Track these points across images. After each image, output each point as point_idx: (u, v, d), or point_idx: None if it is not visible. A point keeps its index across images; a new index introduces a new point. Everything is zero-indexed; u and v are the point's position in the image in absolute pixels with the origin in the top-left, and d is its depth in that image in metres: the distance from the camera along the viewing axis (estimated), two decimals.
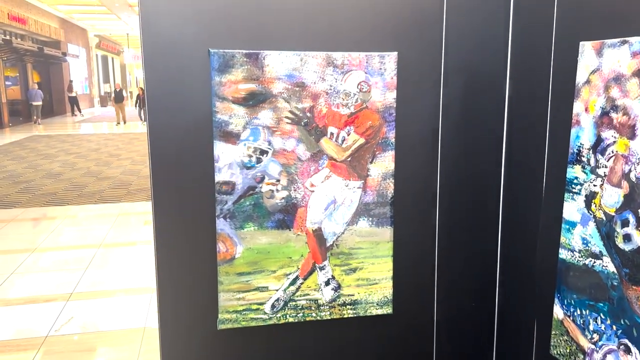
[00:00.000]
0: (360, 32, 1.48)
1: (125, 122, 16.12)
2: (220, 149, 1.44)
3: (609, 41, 1.16)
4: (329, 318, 1.59)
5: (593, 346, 1.23)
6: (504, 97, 1.59)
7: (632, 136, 1.11)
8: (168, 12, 1.37)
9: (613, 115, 1.16)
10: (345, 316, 1.60)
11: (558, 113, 1.36)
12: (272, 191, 1.49)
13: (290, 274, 1.54)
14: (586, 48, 1.23)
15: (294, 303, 1.56)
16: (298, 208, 1.52)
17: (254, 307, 1.54)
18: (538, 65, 1.45)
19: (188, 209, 1.47)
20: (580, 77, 1.25)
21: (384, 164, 1.54)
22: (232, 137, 1.45)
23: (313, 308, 1.58)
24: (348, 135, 1.51)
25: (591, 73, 1.22)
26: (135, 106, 17.19)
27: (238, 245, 1.50)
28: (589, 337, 1.24)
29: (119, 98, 16.51)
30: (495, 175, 1.62)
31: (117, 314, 3.10)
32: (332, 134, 1.50)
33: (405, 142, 1.55)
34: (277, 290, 1.54)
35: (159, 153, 1.44)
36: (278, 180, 1.49)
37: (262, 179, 1.48)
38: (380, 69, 1.49)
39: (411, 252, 1.61)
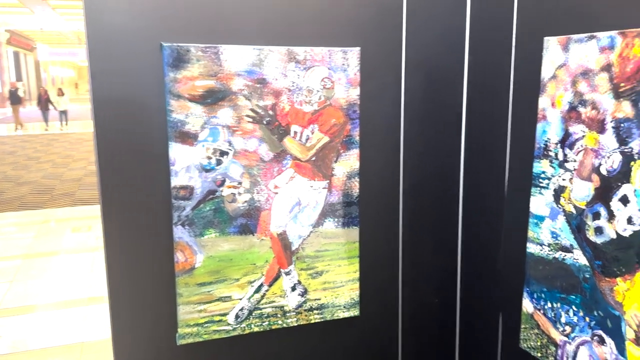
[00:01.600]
0: (322, 27, 1.42)
1: (22, 126, 14.17)
2: (176, 150, 1.34)
3: (575, 36, 1.18)
4: (296, 324, 1.53)
5: (565, 338, 1.25)
6: (463, 93, 1.58)
7: (601, 130, 1.13)
8: (115, 2, 1.25)
9: (581, 109, 1.17)
10: (312, 321, 1.54)
11: (522, 108, 1.37)
12: (234, 195, 1.41)
13: (254, 281, 1.46)
14: (551, 43, 1.24)
15: (259, 311, 1.48)
16: (261, 211, 1.44)
17: (217, 318, 1.45)
18: (497, 61, 1.45)
19: (142, 217, 1.36)
20: (546, 72, 1.26)
21: (348, 162, 1.49)
22: (189, 138, 1.34)
23: (279, 315, 1.51)
24: (312, 133, 1.45)
25: (557, 68, 1.23)
26: (39, 107, 14.87)
27: (198, 253, 1.40)
28: (561, 329, 1.26)
29: (14, 99, 14.39)
30: (456, 171, 1.62)
31: (50, 330, 2.87)
32: (295, 132, 1.43)
33: (369, 140, 1.51)
34: (240, 299, 1.46)
35: (107, 157, 1.31)
36: (240, 183, 1.41)
37: (223, 182, 1.39)
38: (343, 64, 1.44)
39: (377, 252, 1.58)
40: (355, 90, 1.46)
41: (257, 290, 1.47)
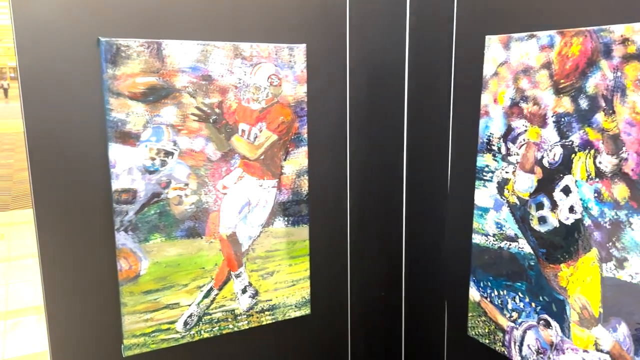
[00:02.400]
0: (268, 22, 1.40)
1: None
2: (117, 152, 1.26)
3: (516, 35, 1.23)
4: (247, 327, 1.49)
5: (512, 324, 1.31)
6: (405, 90, 1.62)
7: (543, 124, 1.19)
8: None
9: (523, 105, 1.23)
10: (264, 323, 1.51)
11: (464, 104, 1.42)
12: (180, 197, 1.35)
13: (203, 285, 1.41)
14: (493, 42, 1.29)
15: (208, 317, 1.43)
16: (210, 213, 1.39)
17: (164, 326, 1.38)
18: (438, 58, 1.49)
19: (80, 224, 1.27)
20: (488, 70, 1.31)
21: (297, 160, 1.48)
22: (130, 138, 1.27)
23: (230, 319, 1.46)
24: (260, 132, 1.42)
25: (499, 66, 1.28)
26: None
27: (143, 260, 1.33)
28: (508, 315, 1.32)
29: None
30: (400, 166, 1.65)
31: None
32: (243, 131, 1.40)
33: (317, 138, 1.50)
34: (189, 305, 1.40)
35: (40, 160, 1.21)
36: (186, 184, 1.35)
37: (168, 183, 1.33)
38: (290, 61, 1.42)
39: (326, 249, 1.58)
40: (302, 87, 1.45)
41: (207, 295, 1.42)
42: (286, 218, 1.49)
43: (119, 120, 1.25)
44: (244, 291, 1.47)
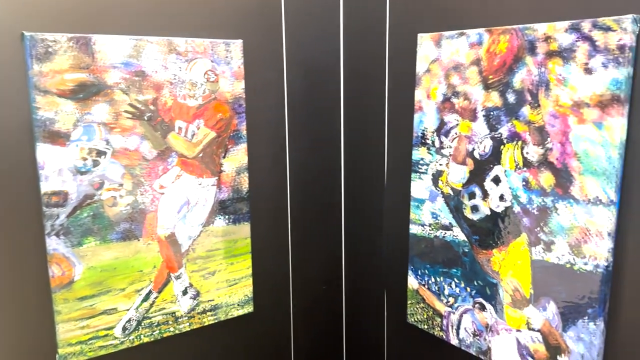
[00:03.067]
0: (203, 17, 1.37)
1: None
2: (46, 152, 1.19)
3: (446, 33, 1.29)
4: (189, 329, 1.46)
5: (449, 309, 1.37)
6: (340, 87, 1.65)
7: (473, 118, 1.25)
8: None
9: (454, 100, 1.29)
10: (206, 324, 1.49)
11: (399, 100, 1.47)
12: (115, 198, 1.30)
13: (142, 289, 1.37)
14: (424, 39, 1.34)
15: (148, 321, 1.39)
16: (147, 214, 1.35)
17: (102, 333, 1.33)
18: (373, 55, 1.53)
19: (8, 228, 1.19)
20: (420, 67, 1.36)
21: (237, 157, 1.46)
22: (60, 138, 1.20)
23: (170, 322, 1.43)
24: (198, 129, 1.39)
25: (431, 62, 1.33)
26: None
27: (77, 265, 1.27)
28: (445, 301, 1.38)
29: None
30: (338, 161, 1.68)
31: None
32: (180, 128, 1.36)
33: (256, 134, 1.49)
34: (128, 310, 1.35)
35: None
36: (121, 185, 1.30)
37: (102, 184, 1.27)
38: (227, 57, 1.40)
39: (268, 246, 1.58)
40: (240, 83, 1.44)
41: (146, 299, 1.38)
42: (227, 216, 1.47)
43: (47, 119, 1.18)
44: (184, 292, 1.44)
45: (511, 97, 1.17)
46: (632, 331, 1.04)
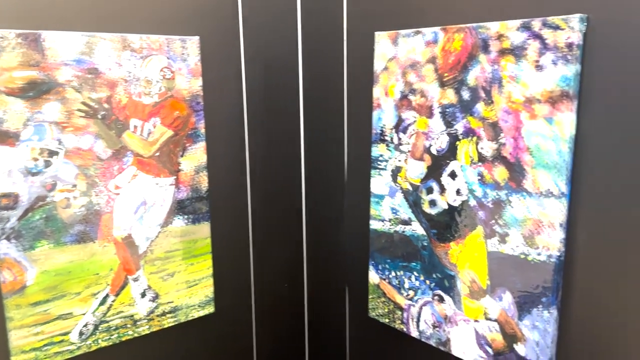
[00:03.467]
0: (158, 13, 1.34)
1: None
2: None
3: (403, 31, 1.31)
4: (148, 332, 1.43)
5: (410, 302, 1.40)
6: (299, 83, 1.65)
7: (430, 115, 1.28)
8: None
9: (411, 97, 1.31)
10: (166, 326, 1.46)
11: (357, 98, 1.48)
12: (68, 199, 1.26)
13: (98, 292, 1.33)
14: (382, 38, 1.36)
15: (106, 325, 1.35)
16: (102, 215, 1.31)
17: (57, 339, 1.28)
18: (331, 53, 1.54)
19: None
20: (378, 65, 1.38)
21: (195, 156, 1.44)
22: (9, 138, 1.16)
23: (129, 325, 1.39)
24: (154, 127, 1.36)
25: (388, 60, 1.35)
26: None
27: (29, 269, 1.22)
28: (405, 294, 1.40)
29: None
30: (298, 159, 1.68)
31: None
32: (135, 126, 1.33)
33: (215, 132, 1.48)
34: (84, 314, 1.31)
35: None
36: (74, 186, 1.26)
37: (54, 185, 1.23)
38: (183, 54, 1.38)
39: (228, 245, 1.56)
40: (197, 80, 1.41)
41: (103, 302, 1.34)
42: (186, 216, 1.45)
43: None
44: (143, 295, 1.41)
45: (466, 94, 1.20)
46: (583, 318, 1.09)
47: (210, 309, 1.54)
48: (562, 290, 1.11)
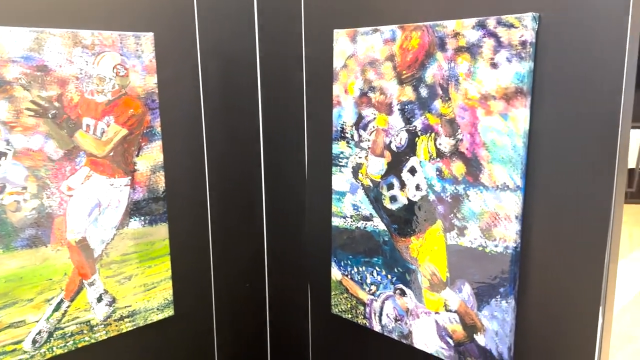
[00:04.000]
0: (111, 9, 1.30)
1: None
2: None
3: (361, 29, 1.32)
4: (106, 337, 1.39)
5: (372, 296, 1.41)
6: (258, 81, 1.63)
7: (389, 112, 1.30)
8: None
9: (371, 95, 1.33)
10: (124, 330, 1.42)
11: (317, 95, 1.48)
12: (18, 202, 1.20)
13: (52, 298, 1.28)
14: (340, 35, 1.36)
15: (61, 331, 1.30)
16: (55, 218, 1.26)
17: (9, 348, 1.22)
18: (289, 50, 1.54)
19: None
20: (337, 62, 1.38)
21: (151, 155, 1.41)
22: None
23: (85, 331, 1.35)
24: (108, 126, 1.32)
25: (347, 58, 1.36)
26: None
27: None
28: (367, 289, 1.42)
29: None
30: (258, 156, 1.67)
31: None
32: (88, 125, 1.29)
33: (171, 130, 1.44)
34: (37, 321, 1.26)
35: None
36: (24, 188, 1.20)
37: (3, 188, 1.17)
38: (137, 50, 1.34)
39: (188, 246, 1.53)
40: (152, 77, 1.38)
41: (57, 308, 1.29)
42: (142, 217, 1.41)
43: None
44: (99, 300, 1.36)
45: (424, 92, 1.22)
46: (540, 307, 1.14)
47: (169, 312, 1.51)
48: (519, 281, 1.15)
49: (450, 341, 1.27)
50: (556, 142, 1.06)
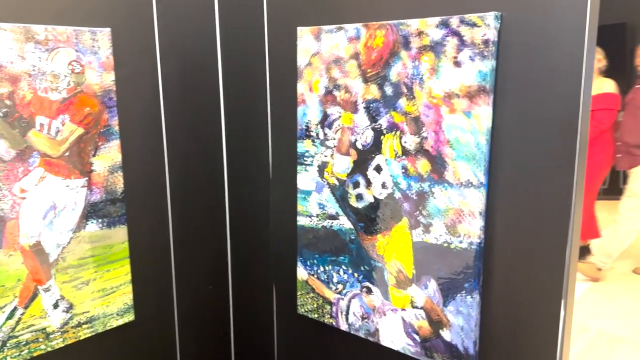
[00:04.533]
0: (65, 3, 1.24)
1: None
2: None
3: (325, 27, 1.31)
4: (63, 345, 1.33)
5: (339, 295, 1.41)
6: (219, 78, 1.60)
7: (354, 110, 1.29)
8: None
9: (336, 93, 1.32)
10: (82, 337, 1.37)
11: (281, 93, 1.47)
12: None
13: (5, 306, 1.21)
14: (304, 33, 1.35)
15: (15, 340, 1.24)
16: (7, 222, 1.19)
17: None
18: (251, 47, 1.51)
19: None
20: (302, 60, 1.37)
21: (109, 155, 1.35)
22: None
23: (41, 339, 1.29)
24: (63, 125, 1.26)
25: (312, 56, 1.35)
26: None
27: None
28: (334, 288, 1.41)
29: None
30: (220, 156, 1.64)
31: None
32: (42, 124, 1.23)
33: (130, 130, 1.39)
34: None
35: None
36: None
37: None
38: (94, 46, 1.29)
39: (148, 249, 1.49)
40: (109, 75, 1.33)
41: (10, 316, 1.22)
42: (100, 220, 1.36)
43: None
44: (55, 306, 1.30)
45: (389, 90, 1.23)
46: (504, 301, 1.16)
47: (129, 317, 1.46)
48: (483, 276, 1.17)
49: (417, 337, 1.28)
50: (518, 139, 1.09)
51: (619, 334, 2.71)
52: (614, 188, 4.81)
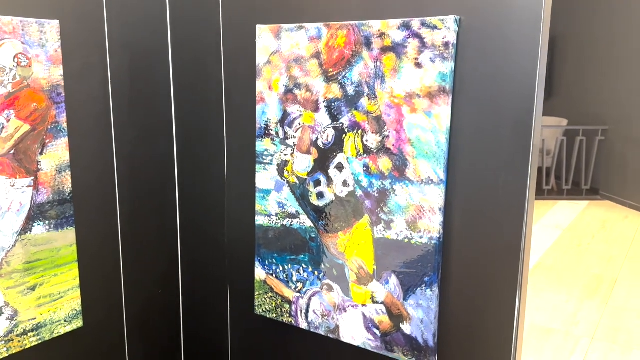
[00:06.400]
0: None
1: None
2: None
3: (286, 26, 1.31)
4: (7, 355, 1.24)
5: (298, 294, 1.41)
6: (170, 76, 1.56)
7: (316, 109, 1.30)
8: None
9: (297, 92, 1.32)
10: (28, 346, 1.28)
11: (239, 92, 1.45)
12: None
13: None
14: (263, 31, 1.35)
15: None
16: None
17: None
18: (206, 45, 1.49)
19: None
20: (261, 58, 1.37)
21: (57, 154, 1.28)
22: None
23: None
24: (8, 121, 1.18)
25: (271, 54, 1.35)
26: None
27: None
28: (294, 287, 1.41)
29: None
30: (171, 155, 1.59)
31: None
32: None
33: (78, 127, 1.33)
34: None
35: None
36: None
37: None
38: (41, 39, 1.22)
39: (96, 252, 1.42)
40: (57, 69, 1.26)
41: None
42: (47, 222, 1.29)
43: None
44: None
45: (350, 89, 1.25)
46: (461, 294, 1.21)
47: (78, 324, 1.39)
48: (442, 269, 1.22)
49: (377, 332, 1.30)
50: (475, 138, 1.14)
51: (549, 325, 2.89)
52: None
